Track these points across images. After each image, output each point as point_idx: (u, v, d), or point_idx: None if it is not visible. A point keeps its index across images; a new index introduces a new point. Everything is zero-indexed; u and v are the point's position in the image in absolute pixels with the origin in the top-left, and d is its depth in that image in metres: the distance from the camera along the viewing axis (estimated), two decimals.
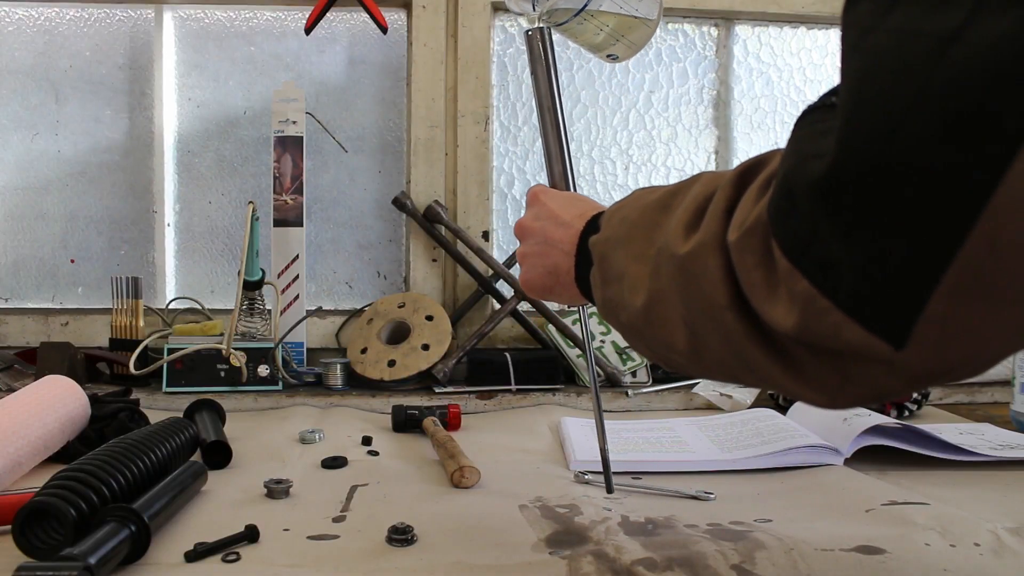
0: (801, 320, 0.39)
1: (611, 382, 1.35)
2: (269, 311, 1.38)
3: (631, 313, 0.53)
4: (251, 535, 0.68)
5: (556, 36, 0.85)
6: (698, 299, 0.46)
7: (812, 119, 0.42)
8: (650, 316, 0.51)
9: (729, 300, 0.44)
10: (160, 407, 1.19)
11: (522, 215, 0.74)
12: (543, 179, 1.60)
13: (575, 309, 1.51)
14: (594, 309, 1.46)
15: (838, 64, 0.39)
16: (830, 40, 1.65)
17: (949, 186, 0.33)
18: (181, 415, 0.98)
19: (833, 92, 0.42)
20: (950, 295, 0.34)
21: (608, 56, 0.86)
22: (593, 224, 0.64)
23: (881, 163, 0.35)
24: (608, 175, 1.62)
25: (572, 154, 0.83)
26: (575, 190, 0.82)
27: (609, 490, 0.81)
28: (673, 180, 1.71)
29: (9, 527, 0.63)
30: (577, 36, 0.86)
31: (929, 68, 0.33)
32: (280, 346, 1.31)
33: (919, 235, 0.34)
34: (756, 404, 1.23)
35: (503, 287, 1.48)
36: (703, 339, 0.48)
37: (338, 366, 1.32)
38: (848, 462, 0.93)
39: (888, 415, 1.16)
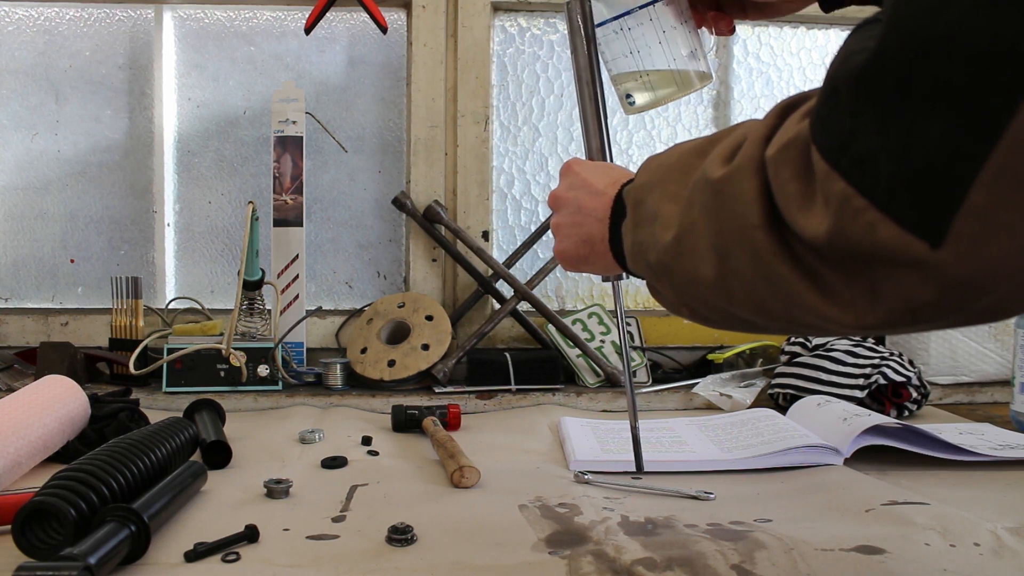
0: (835, 224, 0.39)
1: (611, 382, 1.35)
2: (269, 311, 1.38)
3: (660, 250, 0.53)
4: (251, 535, 0.68)
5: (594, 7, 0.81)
6: (730, 220, 0.46)
7: (862, 32, 0.41)
8: (680, 248, 0.51)
9: (762, 219, 0.44)
10: (160, 407, 1.19)
11: (555, 187, 0.73)
12: (543, 179, 1.61)
13: (575, 309, 1.51)
14: (593, 311, 1.46)
15: None
16: (830, 40, 1.65)
17: (1000, 55, 0.32)
18: (181, 415, 0.98)
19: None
20: (993, 183, 0.33)
21: (627, 97, 0.82)
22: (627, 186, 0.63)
23: (928, 37, 0.34)
24: None
25: (610, 133, 0.81)
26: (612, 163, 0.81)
27: (639, 467, 0.81)
28: None
29: (9, 527, 0.63)
30: (607, 45, 0.82)
31: None
32: (280, 346, 1.31)
33: (964, 111, 0.33)
34: (756, 404, 1.23)
35: (503, 287, 1.48)
36: (732, 264, 0.47)
37: (338, 366, 1.32)
38: (848, 462, 0.93)
39: (888, 415, 1.16)
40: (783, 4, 0.80)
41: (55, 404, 0.92)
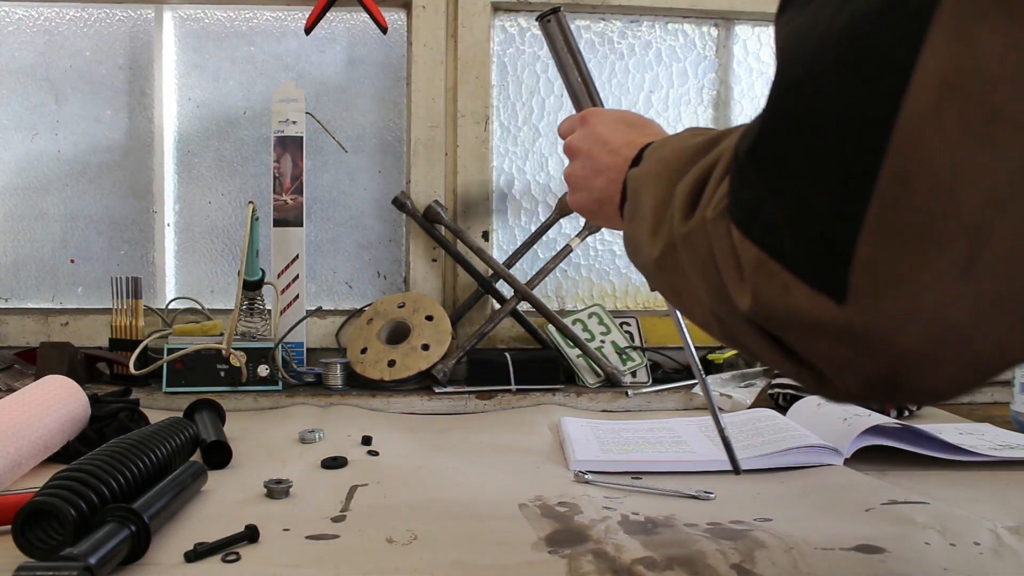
0: (754, 289, 0.40)
1: (611, 382, 1.35)
2: (269, 311, 1.38)
3: (647, 259, 0.54)
4: (251, 535, 0.68)
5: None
6: (698, 268, 0.47)
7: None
8: (664, 264, 0.51)
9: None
10: (160, 407, 1.19)
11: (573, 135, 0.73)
12: (543, 179, 1.61)
13: (575, 309, 1.51)
14: (593, 311, 1.46)
15: None
16: None
17: (854, 123, 0.34)
18: (181, 415, 0.98)
19: None
20: (875, 238, 0.35)
21: None
22: (641, 154, 0.62)
23: (795, 113, 0.37)
24: None
25: None
26: None
27: (736, 471, 0.76)
28: None
29: (9, 527, 0.63)
30: None
31: (831, 19, 0.36)
32: (280, 346, 1.31)
33: (835, 177, 0.35)
34: (756, 404, 1.23)
35: (503, 287, 1.48)
36: (707, 302, 0.47)
37: (338, 366, 1.32)
38: (848, 462, 0.93)
39: (888, 415, 1.16)
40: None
41: (55, 404, 0.92)
